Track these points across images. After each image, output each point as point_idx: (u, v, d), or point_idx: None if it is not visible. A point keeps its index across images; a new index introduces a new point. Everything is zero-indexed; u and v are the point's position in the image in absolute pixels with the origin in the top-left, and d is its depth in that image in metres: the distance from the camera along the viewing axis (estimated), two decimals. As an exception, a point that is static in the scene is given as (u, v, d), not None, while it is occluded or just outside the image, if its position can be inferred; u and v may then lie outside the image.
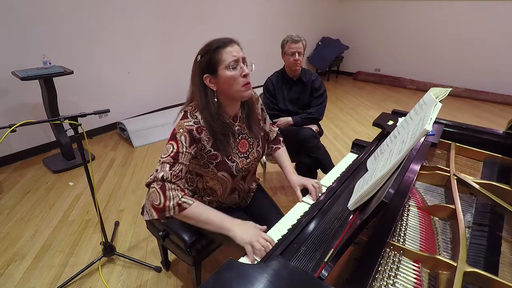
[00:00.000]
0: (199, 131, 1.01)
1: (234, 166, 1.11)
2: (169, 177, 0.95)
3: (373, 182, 0.84)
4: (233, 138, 1.12)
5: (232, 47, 1.01)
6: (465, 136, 1.41)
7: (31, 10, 2.66)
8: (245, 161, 1.15)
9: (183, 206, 0.95)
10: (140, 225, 2.05)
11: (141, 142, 3.32)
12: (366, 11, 5.95)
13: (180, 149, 0.98)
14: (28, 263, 1.75)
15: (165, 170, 0.95)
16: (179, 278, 1.66)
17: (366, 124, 3.93)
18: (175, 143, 0.98)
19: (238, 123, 1.15)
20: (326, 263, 0.72)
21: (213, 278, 0.66)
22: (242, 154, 1.15)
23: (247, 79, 1.03)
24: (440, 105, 0.81)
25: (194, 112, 1.04)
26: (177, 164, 0.97)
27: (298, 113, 2.13)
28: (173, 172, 0.96)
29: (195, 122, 1.02)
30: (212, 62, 1.01)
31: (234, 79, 1.01)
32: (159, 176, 0.94)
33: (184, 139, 0.99)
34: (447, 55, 5.21)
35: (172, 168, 0.96)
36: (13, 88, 2.70)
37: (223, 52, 1.00)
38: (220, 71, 1.00)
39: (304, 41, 2.00)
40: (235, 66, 1.01)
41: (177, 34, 3.88)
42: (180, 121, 1.01)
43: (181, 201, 0.95)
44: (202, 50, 1.04)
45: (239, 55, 1.02)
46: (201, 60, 1.03)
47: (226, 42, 1.01)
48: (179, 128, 1.00)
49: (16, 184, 2.52)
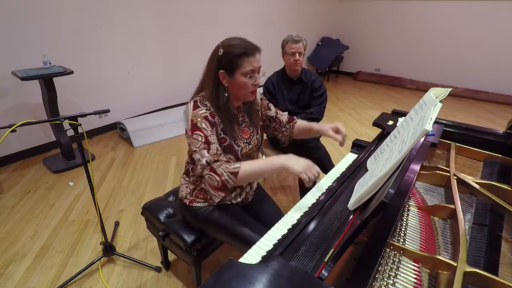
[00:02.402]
0: (212, 115, 1.11)
1: (239, 150, 1.20)
2: (211, 159, 1.06)
3: (373, 182, 0.84)
4: (237, 125, 1.21)
5: (254, 57, 1.09)
6: (465, 136, 1.41)
7: (31, 10, 2.67)
8: (248, 146, 1.24)
9: (234, 171, 1.06)
10: (140, 225, 2.05)
11: (141, 142, 3.32)
12: (366, 11, 5.95)
13: (206, 133, 1.08)
14: (28, 263, 1.75)
15: (205, 155, 1.06)
16: (179, 278, 1.66)
17: (366, 124, 3.93)
18: (199, 131, 1.08)
19: (241, 114, 1.25)
20: (326, 263, 0.72)
21: (213, 278, 0.66)
22: (245, 140, 1.25)
23: (256, 87, 1.14)
24: (440, 105, 0.81)
25: (204, 102, 1.12)
26: (211, 145, 1.08)
27: (298, 113, 2.13)
28: (211, 153, 1.07)
29: (206, 109, 1.11)
30: (232, 64, 1.08)
31: (246, 85, 1.11)
32: (204, 162, 1.06)
33: (205, 125, 1.08)
34: (447, 55, 5.21)
35: (209, 151, 1.07)
36: (13, 88, 2.70)
37: (245, 59, 1.07)
38: (236, 74, 1.09)
39: (304, 41, 2.00)
40: (251, 76, 1.10)
41: (177, 34, 3.88)
42: (193, 111, 1.10)
43: (231, 169, 1.06)
44: (226, 46, 1.09)
45: (258, 65, 1.11)
46: (222, 56, 1.08)
47: (251, 51, 1.09)
48: (196, 118, 1.08)
49: (16, 184, 2.52)
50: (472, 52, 4.95)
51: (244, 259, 0.87)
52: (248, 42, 1.11)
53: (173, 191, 1.64)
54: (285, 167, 1.07)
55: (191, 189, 1.29)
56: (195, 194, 1.28)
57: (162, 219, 1.42)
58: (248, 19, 4.70)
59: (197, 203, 1.27)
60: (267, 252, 0.83)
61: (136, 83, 3.70)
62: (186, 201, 1.29)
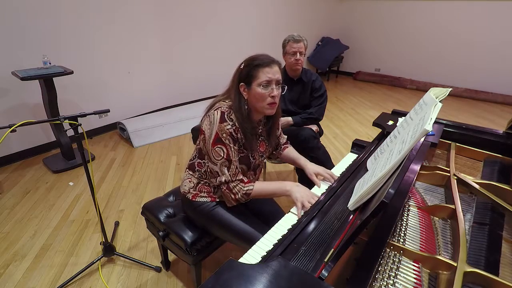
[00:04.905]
0: (236, 131, 1.16)
1: (253, 162, 1.27)
2: (230, 178, 1.16)
3: (373, 182, 0.84)
4: (255, 139, 1.28)
5: (270, 68, 1.13)
6: (465, 136, 1.41)
7: (31, 10, 2.66)
8: (260, 159, 1.32)
9: (248, 192, 1.17)
10: (140, 225, 2.05)
11: (141, 142, 3.31)
12: (366, 11, 5.95)
13: (229, 150, 1.15)
14: (28, 263, 1.75)
15: (225, 174, 1.15)
16: (179, 278, 1.66)
17: (366, 124, 3.93)
18: (223, 146, 1.14)
19: (260, 127, 1.30)
20: (326, 263, 0.72)
21: (213, 278, 0.66)
22: (260, 153, 1.32)
23: (274, 100, 1.16)
24: (440, 105, 0.81)
25: (230, 115, 1.17)
26: (231, 164, 1.16)
27: (298, 113, 2.13)
28: (231, 173, 1.16)
29: (232, 124, 1.16)
30: (249, 75, 1.14)
31: (262, 96, 1.14)
32: (223, 180, 1.16)
33: (229, 141, 1.14)
34: (447, 55, 5.21)
35: (229, 169, 1.16)
36: (13, 88, 2.70)
37: (261, 70, 1.12)
38: (253, 85, 1.14)
39: (305, 41, 1.99)
40: (267, 86, 1.13)
41: (177, 33, 3.88)
42: (219, 124, 1.14)
43: (245, 190, 1.17)
44: (247, 60, 1.17)
45: (274, 77, 1.14)
46: (242, 69, 1.16)
47: (267, 62, 1.13)
48: (221, 132, 1.13)
49: (16, 184, 2.52)
50: (472, 52, 4.95)
51: (244, 259, 0.87)
52: (267, 56, 1.16)
53: (173, 191, 1.64)
54: (290, 193, 1.15)
55: (195, 183, 1.29)
56: (199, 188, 1.29)
57: (162, 219, 1.42)
58: (248, 19, 4.70)
59: (200, 197, 1.28)
60: (267, 252, 0.83)
61: (136, 83, 3.70)
62: (189, 196, 1.29)
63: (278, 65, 1.17)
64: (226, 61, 4.43)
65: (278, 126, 1.41)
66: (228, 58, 4.44)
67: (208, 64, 4.30)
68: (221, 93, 1.26)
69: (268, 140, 1.35)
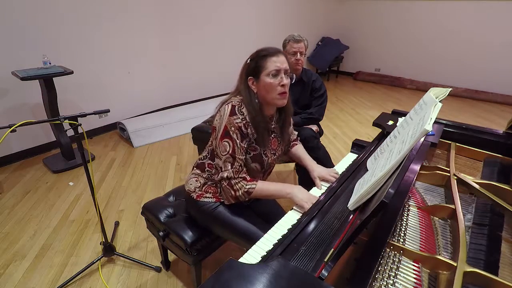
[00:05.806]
0: (246, 126, 1.14)
1: (266, 160, 1.25)
2: (232, 175, 1.13)
3: (373, 182, 0.84)
4: (268, 135, 1.25)
5: (277, 57, 1.12)
6: (465, 136, 1.41)
7: (31, 10, 2.66)
8: (273, 157, 1.29)
9: (249, 191, 1.15)
10: (140, 225, 2.05)
11: (141, 142, 3.31)
12: (366, 11, 5.95)
13: (236, 146, 1.12)
14: (28, 263, 1.75)
15: (228, 169, 1.13)
16: (179, 278, 1.66)
17: (366, 124, 3.93)
18: (230, 141, 1.12)
19: (273, 123, 1.28)
20: (326, 263, 0.72)
21: (213, 278, 0.66)
22: (272, 150, 1.29)
23: (284, 89, 1.14)
24: (440, 105, 0.81)
25: (241, 108, 1.15)
26: (236, 161, 1.13)
27: (298, 113, 2.13)
28: (234, 169, 1.13)
29: (242, 118, 1.14)
30: (257, 67, 1.13)
31: (272, 86, 1.12)
32: (225, 176, 1.14)
33: (236, 136, 1.12)
34: (447, 55, 5.20)
35: (233, 166, 1.13)
36: (13, 88, 2.70)
37: (268, 60, 1.11)
38: (262, 76, 1.13)
39: (306, 41, 1.99)
40: (276, 75, 1.12)
41: (178, 33, 3.88)
42: (229, 117, 1.12)
43: (247, 188, 1.15)
44: (252, 54, 1.16)
45: (283, 66, 1.12)
46: (249, 63, 1.15)
47: (273, 52, 1.12)
48: (230, 126, 1.12)
49: (16, 184, 2.52)
50: (472, 52, 4.94)
51: (244, 259, 0.87)
52: (272, 47, 1.15)
53: (173, 191, 1.64)
54: (291, 196, 1.14)
55: (202, 183, 1.29)
56: (205, 188, 1.28)
57: (162, 219, 1.42)
58: (248, 19, 4.70)
59: (205, 198, 1.27)
60: (267, 252, 0.83)
61: (136, 83, 3.70)
62: (193, 195, 1.28)
63: (284, 55, 1.15)
64: (226, 61, 4.44)
65: (290, 122, 1.37)
66: (228, 58, 4.44)
67: (208, 64, 4.30)
68: (231, 92, 1.25)
69: (282, 136, 1.32)
